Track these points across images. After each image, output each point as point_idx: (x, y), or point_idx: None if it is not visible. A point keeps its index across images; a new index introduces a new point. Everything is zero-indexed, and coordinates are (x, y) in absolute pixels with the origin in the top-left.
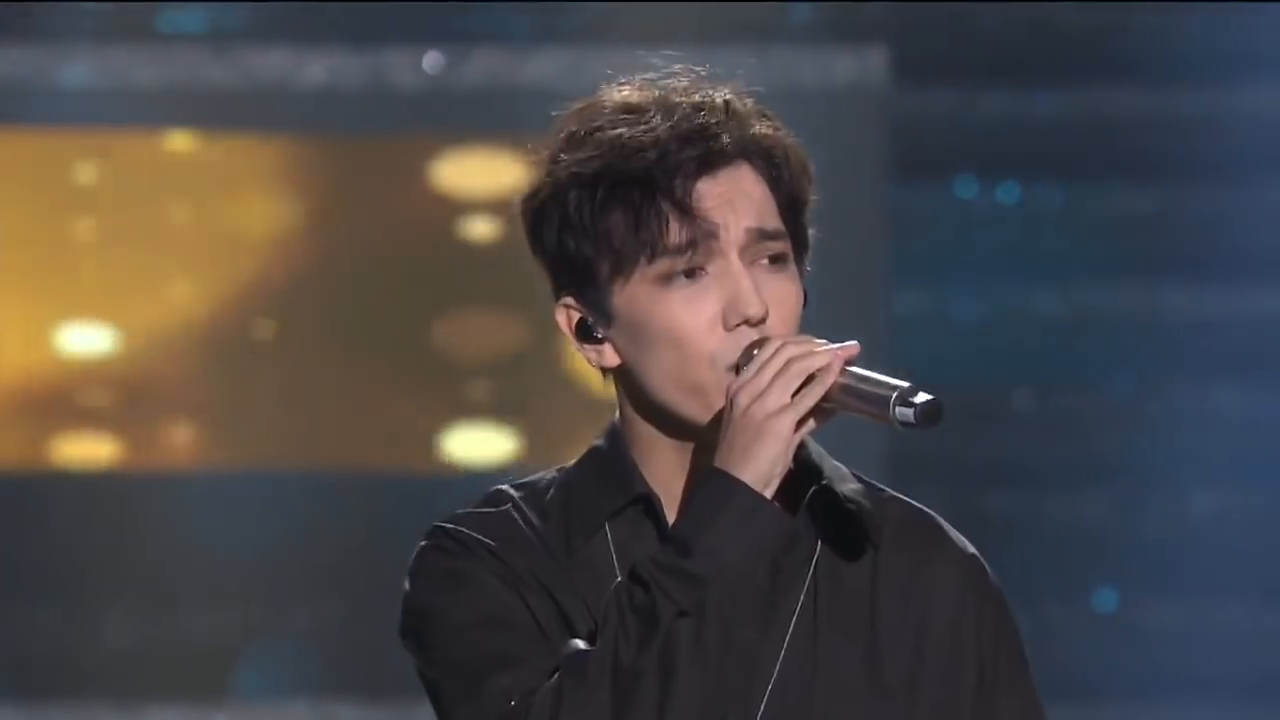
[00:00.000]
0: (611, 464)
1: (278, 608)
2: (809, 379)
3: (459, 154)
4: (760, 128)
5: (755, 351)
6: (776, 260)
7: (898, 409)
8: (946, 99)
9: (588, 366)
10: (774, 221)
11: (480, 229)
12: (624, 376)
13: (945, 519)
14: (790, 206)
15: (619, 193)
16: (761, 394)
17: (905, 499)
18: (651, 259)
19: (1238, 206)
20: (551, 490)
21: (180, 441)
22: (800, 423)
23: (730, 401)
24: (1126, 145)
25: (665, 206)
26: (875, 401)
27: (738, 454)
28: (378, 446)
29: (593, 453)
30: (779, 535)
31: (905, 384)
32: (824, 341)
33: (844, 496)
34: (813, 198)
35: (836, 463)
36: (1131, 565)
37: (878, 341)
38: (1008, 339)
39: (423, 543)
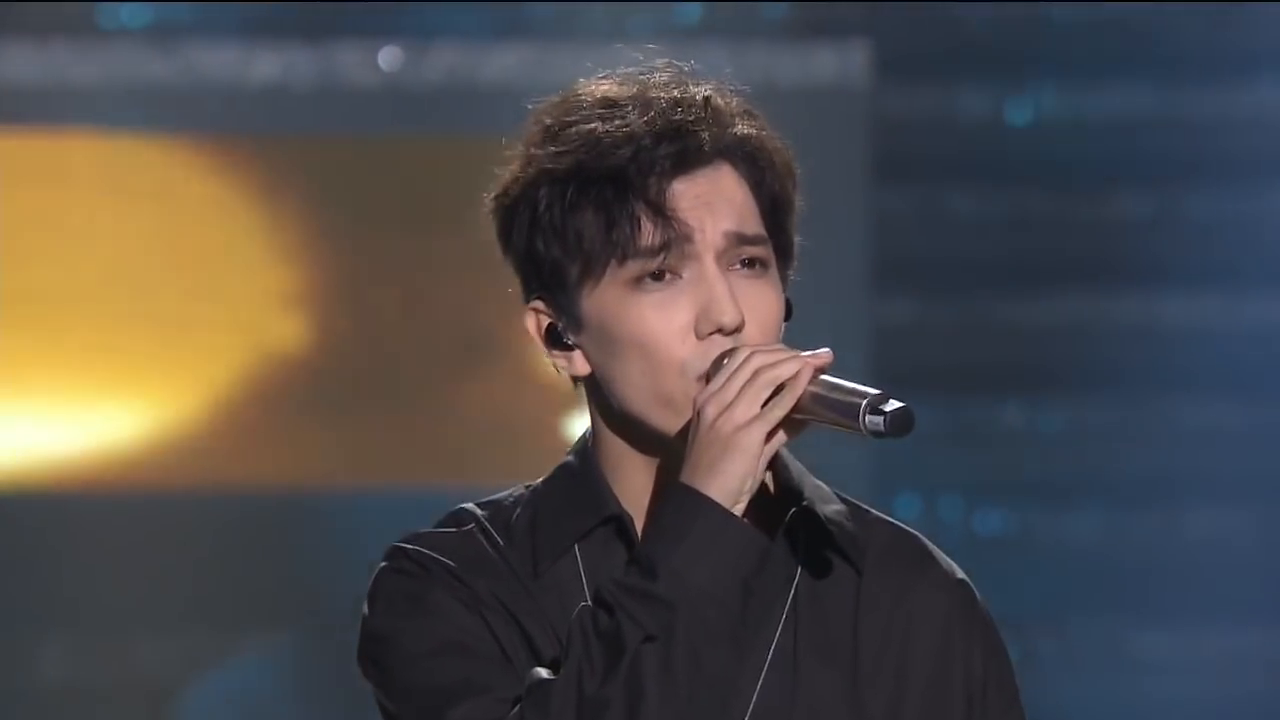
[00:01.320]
0: (582, 481)
1: (223, 637)
2: (779, 389)
3: (417, 154)
4: (743, 127)
5: (725, 361)
6: (755, 266)
7: (868, 417)
8: (931, 98)
9: (554, 375)
10: (754, 226)
11: (439, 232)
12: (594, 386)
13: (928, 540)
14: (773, 211)
15: (591, 191)
16: (729, 406)
17: (891, 520)
18: (623, 261)
19: (1240, 211)
20: (518, 509)
21: (116, 459)
22: (770, 435)
23: (697, 413)
24: (1122, 147)
25: (638, 206)
26: (845, 411)
27: (704, 469)
28: (331, 464)
29: (562, 469)
30: (750, 554)
31: (876, 392)
32: (798, 351)
33: (825, 518)
34: (798, 203)
35: (819, 482)
36: (1125, 590)
37: (858, 352)
38: (995, 350)
39: (381, 564)
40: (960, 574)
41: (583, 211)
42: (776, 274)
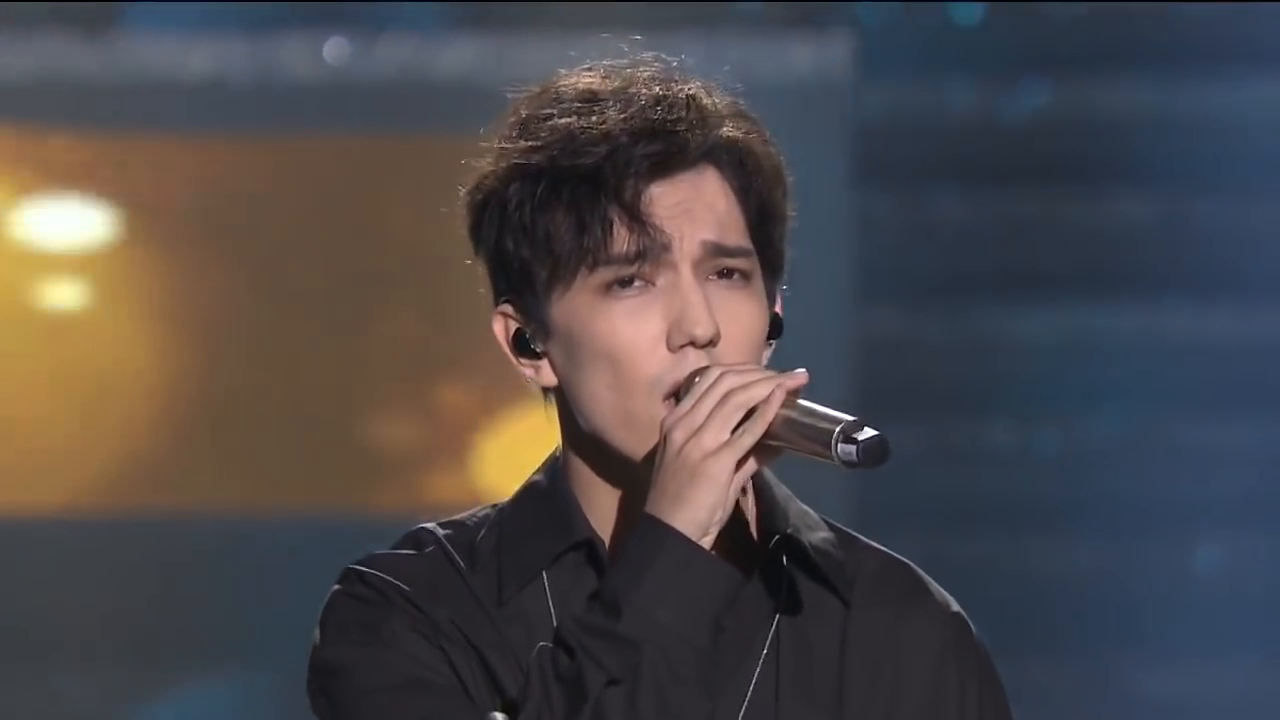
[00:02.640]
0: (550, 502)
1: (163, 670)
2: (751, 413)
3: (365, 156)
4: (731, 129)
5: (696, 381)
6: (735, 277)
7: (840, 446)
8: (918, 94)
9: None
10: (737, 237)
11: (389, 237)
12: (563, 400)
13: (921, 570)
14: (759, 221)
15: (563, 190)
16: (698, 431)
17: (881, 549)
18: (594, 268)
19: (1247, 216)
20: (483, 531)
21: (47, 483)
22: (741, 462)
23: (664, 438)
24: (1122, 148)
25: (611, 210)
26: (818, 438)
27: (671, 499)
28: (275, 483)
29: (530, 489)
30: (719, 589)
31: (850, 418)
32: (774, 371)
33: (811, 546)
34: (789, 213)
35: (805, 508)
36: (1127, 623)
37: (837, 367)
38: (985, 365)
39: (334, 588)
40: (955, 606)
41: (553, 212)
42: (761, 288)
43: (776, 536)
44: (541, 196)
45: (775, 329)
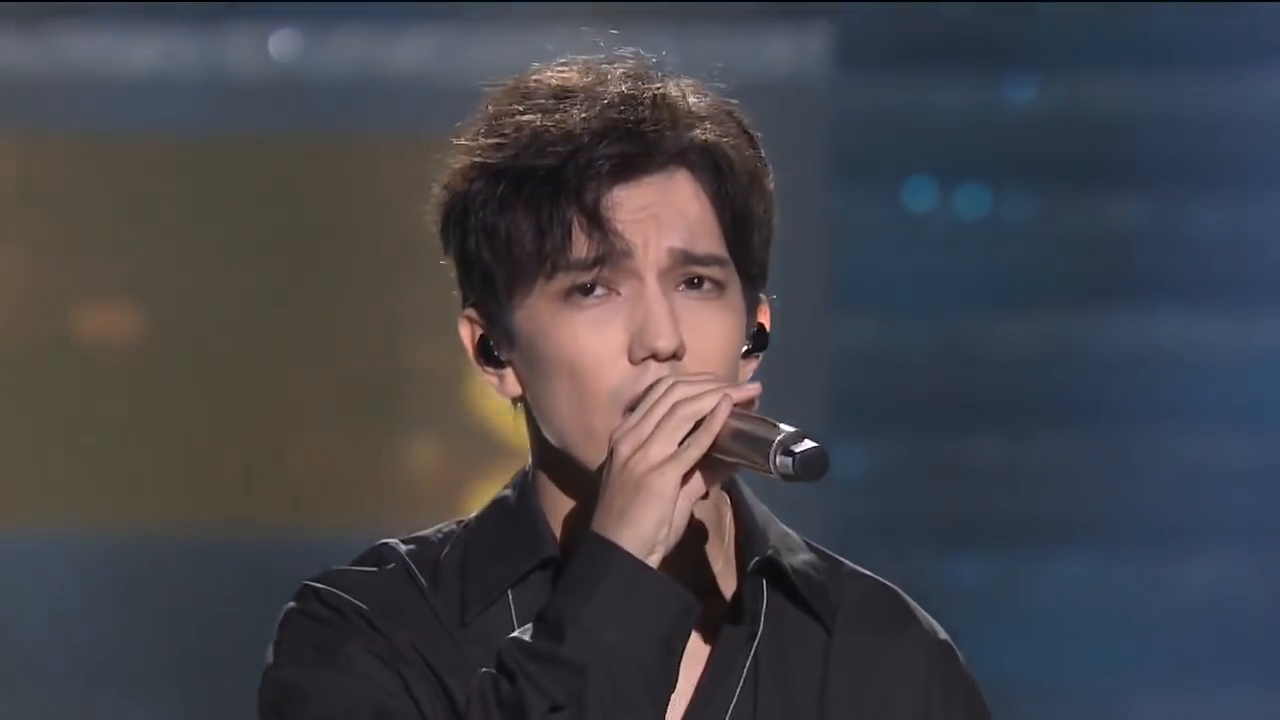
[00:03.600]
0: (518, 518)
1: (111, 700)
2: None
3: (315, 156)
4: (706, 131)
5: (649, 391)
6: (706, 287)
7: (778, 458)
8: (900, 89)
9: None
10: (708, 245)
11: (340, 246)
12: (529, 410)
13: (906, 595)
14: (735, 228)
15: (523, 191)
16: (644, 443)
17: (867, 573)
18: (553, 274)
19: (1247, 220)
20: (447, 547)
21: None
22: (688, 476)
23: (611, 451)
24: (1115, 147)
25: (571, 213)
26: (759, 450)
27: (615, 515)
28: (238, 499)
29: (497, 504)
30: (668, 609)
31: (790, 430)
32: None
33: (792, 569)
34: (771, 221)
35: (786, 529)
36: (1120, 648)
37: (815, 379)
38: (971, 376)
39: (289, 605)
40: (943, 634)
41: (514, 213)
42: (737, 300)
43: (756, 559)
44: (502, 197)
45: (759, 342)
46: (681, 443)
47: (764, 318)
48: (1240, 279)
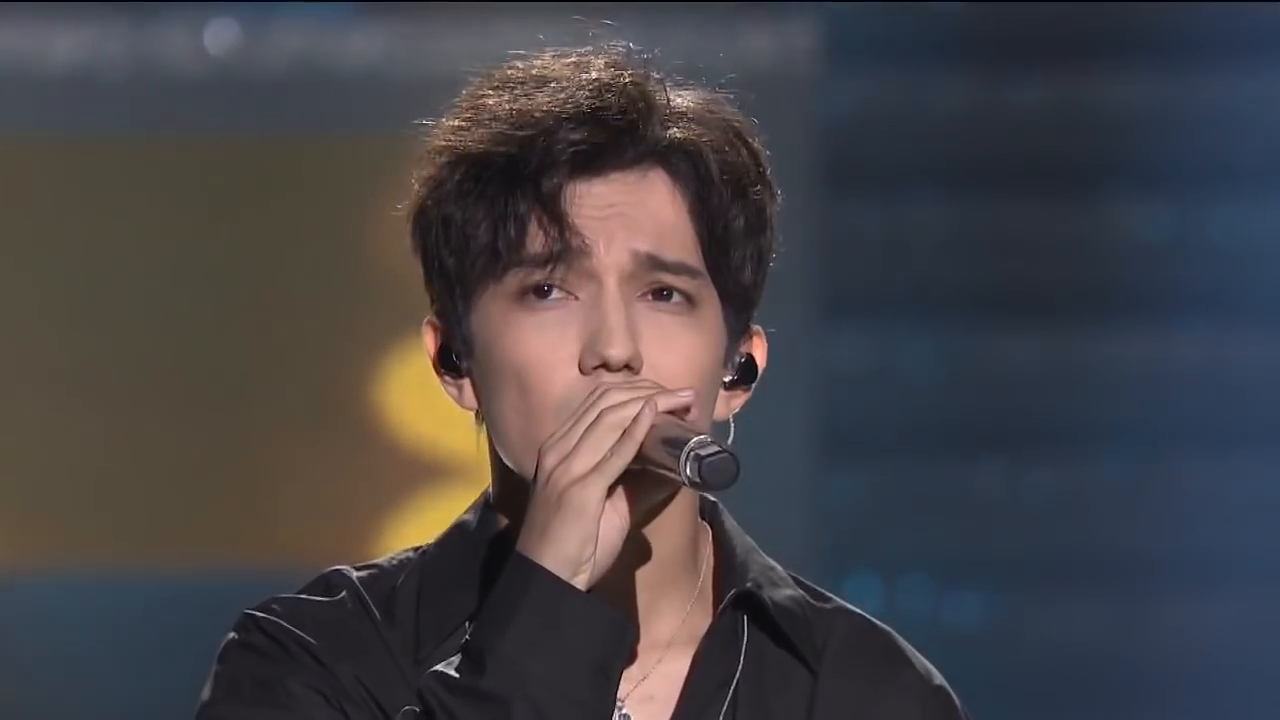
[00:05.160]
0: (477, 545)
1: None
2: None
3: (256, 156)
4: (687, 129)
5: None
6: (675, 299)
7: (687, 466)
8: (894, 87)
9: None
10: (679, 252)
11: (283, 255)
12: (486, 426)
13: (899, 635)
14: (714, 239)
15: (482, 180)
16: (568, 455)
17: (856, 611)
18: (505, 271)
19: (1272, 228)
20: (403, 576)
21: None
22: (613, 489)
23: (537, 464)
24: (1129, 148)
25: (525, 206)
26: (672, 458)
27: (538, 533)
28: (206, 533)
29: (457, 529)
30: (598, 632)
31: (701, 436)
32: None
33: (773, 604)
34: (760, 238)
35: (771, 562)
36: (1134, 695)
37: (801, 400)
38: (971, 396)
39: (229, 635)
40: (939, 679)
41: (468, 204)
42: (713, 320)
43: (733, 592)
44: (460, 187)
45: (746, 374)
46: (608, 453)
47: (756, 349)
48: (1266, 291)
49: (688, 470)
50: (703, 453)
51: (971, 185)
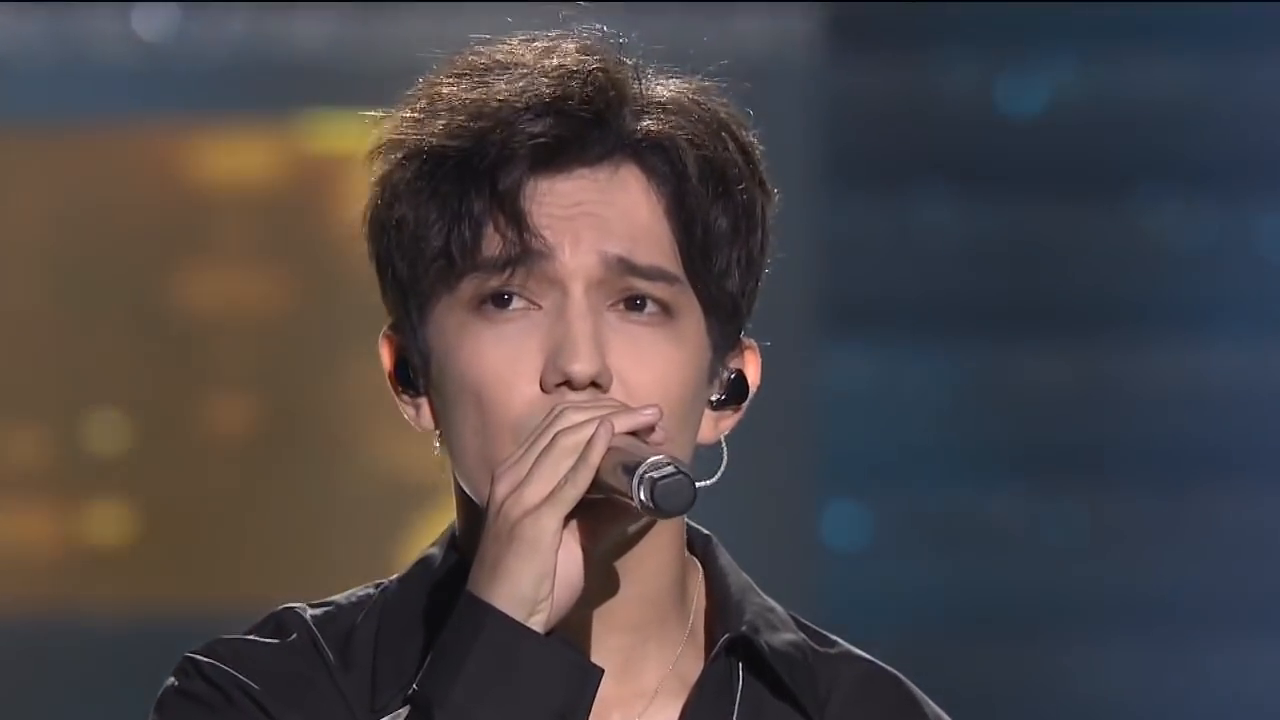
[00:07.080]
0: (442, 582)
1: None
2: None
3: (190, 145)
4: (664, 122)
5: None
6: (648, 309)
7: (640, 489)
8: (900, 77)
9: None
10: (654, 255)
11: (222, 249)
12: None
13: (910, 681)
14: (692, 243)
15: (434, 178)
16: (520, 484)
17: (864, 656)
18: (460, 277)
19: None
20: (361, 615)
21: None
22: (570, 518)
23: (490, 492)
24: (1158, 144)
25: (480, 205)
26: (626, 482)
27: (489, 569)
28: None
29: (422, 563)
30: (555, 676)
31: (657, 458)
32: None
33: (770, 649)
34: (749, 242)
35: (771, 603)
36: None
37: (801, 420)
38: (986, 418)
39: (168, 681)
40: None
41: (419, 203)
42: (693, 331)
43: (726, 636)
44: (412, 185)
45: (736, 393)
46: (562, 480)
47: (747, 365)
48: None
49: (640, 494)
50: (655, 475)
51: (989, 183)
